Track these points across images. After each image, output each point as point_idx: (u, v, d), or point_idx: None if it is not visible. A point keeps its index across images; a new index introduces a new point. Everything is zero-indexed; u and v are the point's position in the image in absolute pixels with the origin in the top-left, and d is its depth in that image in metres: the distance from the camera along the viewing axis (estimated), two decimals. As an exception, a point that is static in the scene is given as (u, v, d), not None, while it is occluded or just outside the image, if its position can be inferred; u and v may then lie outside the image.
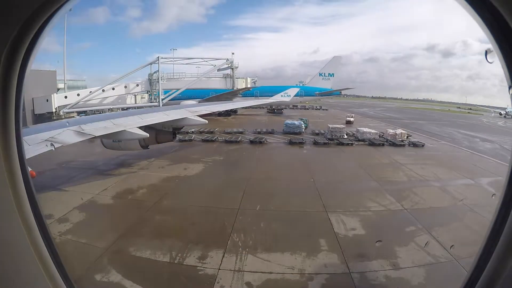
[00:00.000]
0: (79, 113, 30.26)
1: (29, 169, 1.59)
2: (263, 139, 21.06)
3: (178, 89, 35.78)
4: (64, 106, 29.83)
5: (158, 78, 35.06)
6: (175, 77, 38.10)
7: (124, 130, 11.00)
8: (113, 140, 12.37)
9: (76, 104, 30.61)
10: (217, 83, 39.06)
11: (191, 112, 15.42)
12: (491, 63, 1.40)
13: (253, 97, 38.48)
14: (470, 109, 72.44)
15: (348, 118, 31.89)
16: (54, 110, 28.98)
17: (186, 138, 20.94)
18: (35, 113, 28.55)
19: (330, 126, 23.19)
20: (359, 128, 23.47)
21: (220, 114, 33.89)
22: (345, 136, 22.30)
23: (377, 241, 7.41)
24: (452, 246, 7.12)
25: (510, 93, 1.28)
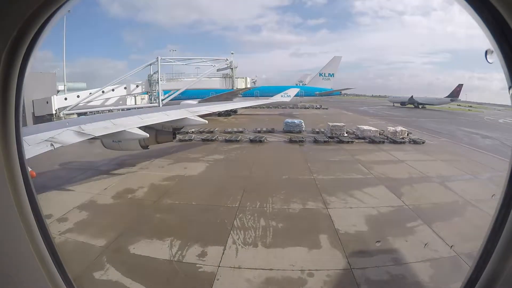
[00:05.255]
0: (79, 114, 30.25)
1: (29, 169, 1.58)
2: (263, 138, 21.06)
3: (178, 90, 35.73)
4: (64, 108, 29.82)
5: (158, 78, 35.04)
6: (174, 77, 38.11)
7: (124, 130, 11.01)
8: (113, 140, 12.36)
9: (76, 105, 30.62)
10: (217, 83, 38.99)
11: (191, 112, 15.41)
12: (491, 63, 1.39)
13: (253, 97, 38.42)
14: (471, 106, 72.26)
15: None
16: (54, 112, 29.00)
17: (186, 138, 20.96)
18: (35, 115, 28.59)
19: (330, 124, 23.15)
20: (359, 126, 23.43)
21: (220, 114, 33.87)
22: (345, 134, 22.29)
23: (377, 241, 7.38)
24: (452, 246, 7.09)
25: (510, 93, 1.28)
